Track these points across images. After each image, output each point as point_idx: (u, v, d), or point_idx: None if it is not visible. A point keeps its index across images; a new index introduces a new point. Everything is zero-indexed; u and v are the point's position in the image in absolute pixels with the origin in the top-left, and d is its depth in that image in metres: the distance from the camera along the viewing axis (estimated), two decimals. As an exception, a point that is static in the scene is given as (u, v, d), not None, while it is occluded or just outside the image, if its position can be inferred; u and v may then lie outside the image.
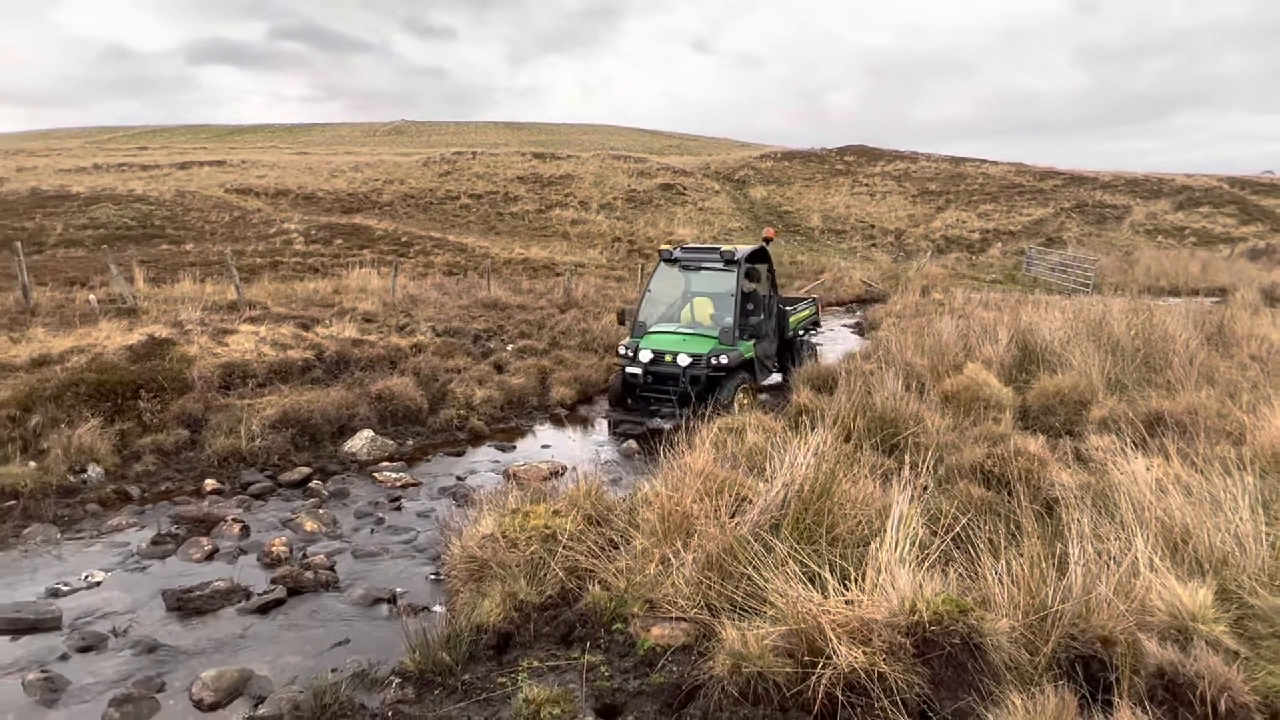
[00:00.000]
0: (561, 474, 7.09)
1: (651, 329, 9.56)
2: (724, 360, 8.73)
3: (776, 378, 11.03)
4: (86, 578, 4.89)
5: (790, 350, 10.87)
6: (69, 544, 5.43)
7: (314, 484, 6.80)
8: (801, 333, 11.50)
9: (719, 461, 5.10)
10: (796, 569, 3.53)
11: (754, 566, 3.70)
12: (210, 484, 6.62)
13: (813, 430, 5.10)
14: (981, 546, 3.57)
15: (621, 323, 11.54)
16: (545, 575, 4.22)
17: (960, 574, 3.53)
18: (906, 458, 4.48)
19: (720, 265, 9.51)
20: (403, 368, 10.03)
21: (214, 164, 46.39)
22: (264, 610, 4.53)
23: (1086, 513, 3.73)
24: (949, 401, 7.97)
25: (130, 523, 5.81)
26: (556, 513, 4.67)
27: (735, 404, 8.59)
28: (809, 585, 3.43)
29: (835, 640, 3.09)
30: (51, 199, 30.91)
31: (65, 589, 4.73)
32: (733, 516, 4.15)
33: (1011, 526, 3.87)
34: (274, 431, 7.62)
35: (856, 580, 3.43)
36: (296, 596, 4.73)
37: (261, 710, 3.48)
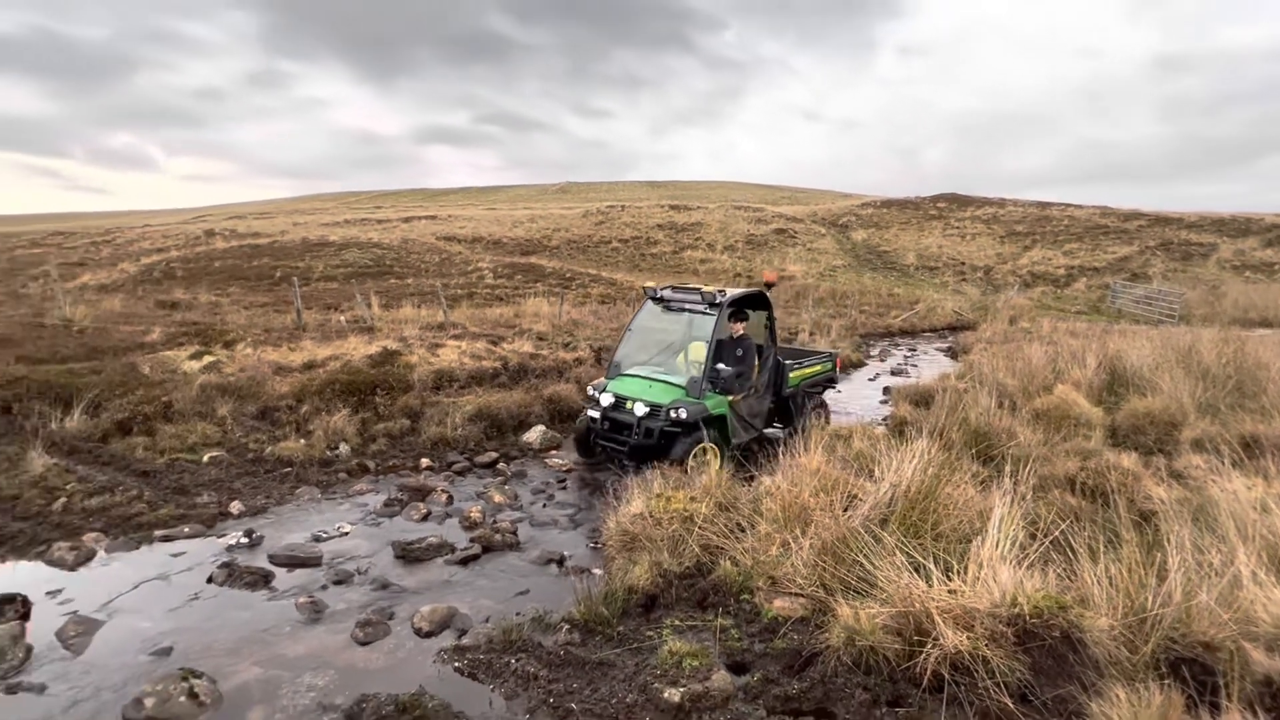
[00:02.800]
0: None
1: (626, 371, 7.22)
2: (681, 414, 6.33)
3: (779, 433, 7.83)
4: (338, 528, 5.29)
5: (791, 409, 7.91)
6: (326, 502, 5.90)
7: (500, 466, 7.08)
8: (817, 390, 8.56)
9: (830, 463, 4.93)
10: (903, 559, 3.34)
11: (864, 555, 3.54)
12: (425, 462, 7.03)
13: (913, 440, 4.83)
14: (1080, 551, 3.24)
15: (599, 361, 9.29)
16: (684, 550, 4.20)
17: (1059, 574, 3.22)
18: (1006, 467, 4.15)
19: (703, 309, 7.04)
20: (567, 376, 10.32)
21: (429, 218, 49.82)
22: (464, 562, 4.75)
23: (1185, 526, 3.31)
24: (1039, 419, 7.32)
25: (368, 489, 6.23)
26: (693, 499, 4.64)
27: (694, 463, 6.29)
28: (914, 574, 3.24)
29: (941, 624, 2.89)
30: (315, 246, 34.18)
31: (324, 536, 5.14)
32: (845, 510, 3.99)
33: (1108, 534, 3.49)
34: (471, 423, 8.03)
35: (958, 573, 3.21)
36: (488, 553, 4.93)
37: (464, 640, 3.64)
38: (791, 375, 7.79)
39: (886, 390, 12.15)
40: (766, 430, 7.77)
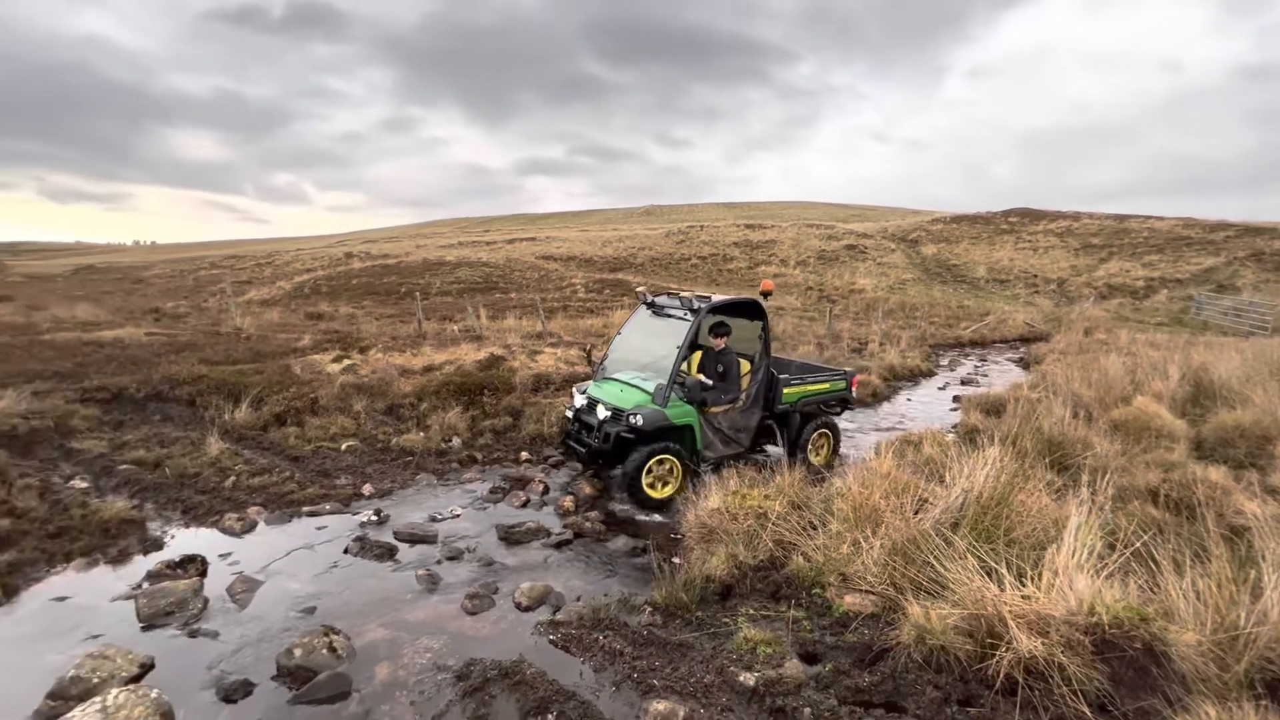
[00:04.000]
0: (764, 468, 6.93)
1: (610, 375, 6.53)
2: (637, 421, 5.59)
3: (778, 451, 6.80)
4: (451, 511, 5.52)
5: (786, 428, 6.74)
6: (441, 488, 6.16)
7: (590, 461, 7.20)
8: (824, 411, 7.21)
9: (901, 468, 4.71)
10: (975, 563, 3.14)
11: (935, 556, 3.35)
12: (524, 455, 7.21)
13: (983, 448, 4.54)
14: (1163, 563, 2.94)
15: (589, 363, 8.50)
16: (758, 544, 4.12)
17: (1140, 586, 2.93)
18: (1083, 477, 3.83)
19: (682, 314, 6.23)
20: (650, 381, 10.38)
21: (529, 240, 51.47)
22: (558, 546, 4.85)
23: (1283, 543, 2.95)
24: (1117, 430, 6.71)
25: (476, 477, 6.45)
26: (767, 497, 4.54)
27: (647, 476, 5.65)
28: (986, 578, 3.03)
29: (1014, 628, 2.69)
30: (433, 265, 35.99)
31: (439, 517, 5.38)
32: (915, 513, 3.79)
33: (1195, 548, 3.15)
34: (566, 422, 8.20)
35: (1032, 579, 2.98)
36: (579, 539, 5.01)
37: (558, 615, 3.71)
38: (788, 391, 6.62)
39: (956, 399, 11.50)
40: (772, 449, 6.82)
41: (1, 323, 14.27)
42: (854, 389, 7.39)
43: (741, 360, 6.65)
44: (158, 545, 4.69)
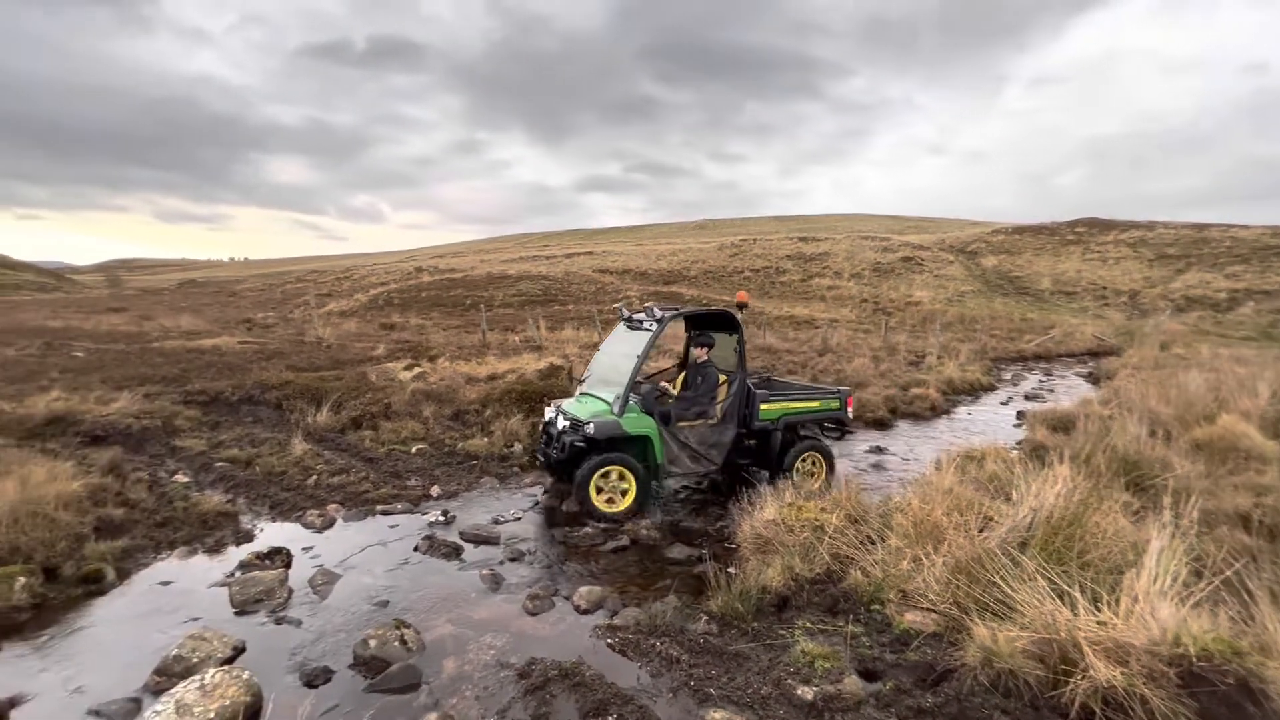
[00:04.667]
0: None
1: (587, 390, 6.29)
2: (590, 430, 5.39)
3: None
4: (513, 514, 5.62)
5: (767, 448, 6.21)
6: (504, 491, 6.29)
7: (645, 469, 7.20)
8: (812, 432, 6.68)
9: (963, 483, 4.51)
10: (1045, 585, 2.97)
11: (1001, 577, 3.18)
12: (582, 462, 7.31)
13: (1052, 466, 4.31)
14: (1258, 594, 2.70)
15: (570, 379, 8.22)
16: (814, 556, 4.01)
17: (1232, 617, 2.70)
18: (1164, 499, 3.56)
19: (649, 325, 5.99)
20: (704, 392, 10.32)
21: (586, 254, 52.26)
22: (616, 552, 4.86)
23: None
24: (1199, 450, 6.23)
25: (537, 482, 6.55)
26: (824, 509, 4.43)
27: (593, 491, 5.42)
28: (1058, 601, 2.86)
29: (1091, 655, 2.53)
30: (496, 279, 37.01)
31: (502, 519, 5.49)
32: (980, 531, 3.62)
33: (1295, 578, 2.88)
34: (621, 430, 8.24)
35: (1109, 604, 2.79)
36: (636, 546, 5.00)
37: (616, 620, 3.71)
38: (766, 408, 6.13)
39: (1020, 414, 10.94)
40: (761, 469, 6.38)
41: (118, 332, 15.53)
42: (849, 409, 6.66)
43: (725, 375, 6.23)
44: (249, 537, 4.97)
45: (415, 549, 4.79)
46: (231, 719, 2.72)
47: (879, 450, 8.55)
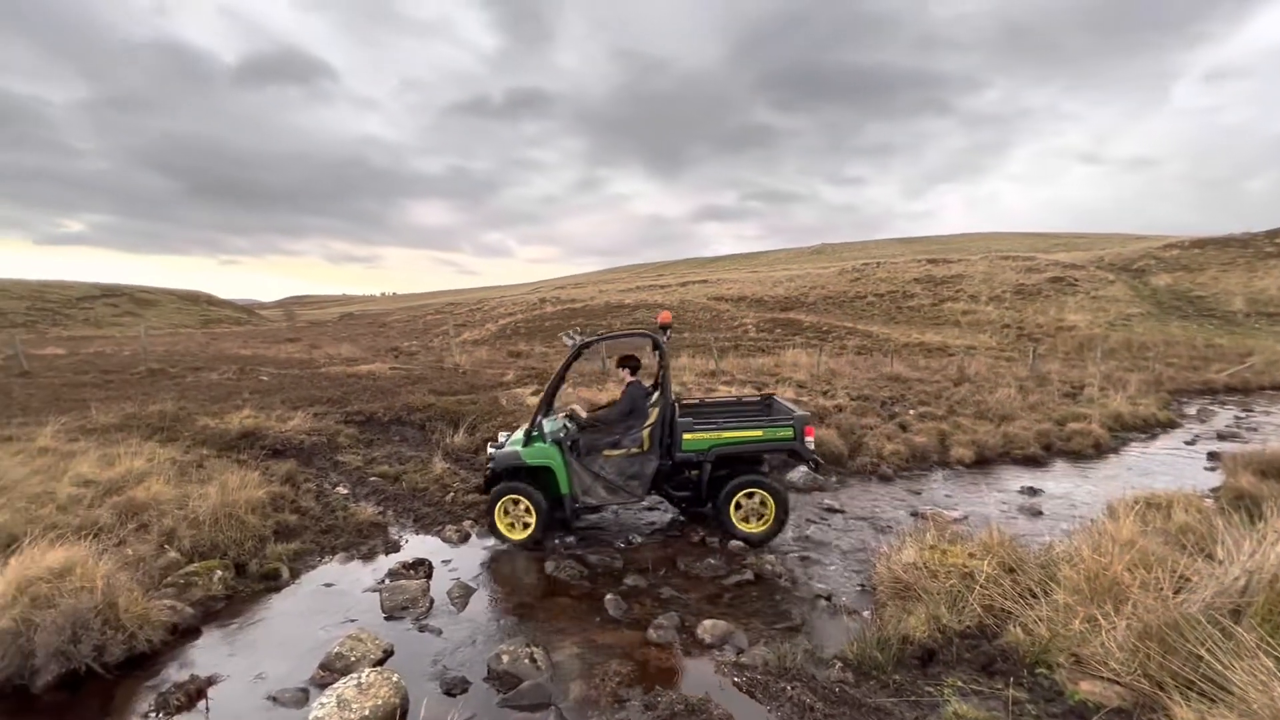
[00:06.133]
0: (964, 521, 6.16)
1: (552, 414, 6.11)
2: (490, 462, 5.49)
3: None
4: (633, 540, 5.61)
5: (698, 482, 5.62)
6: (623, 517, 6.33)
7: (767, 500, 6.96)
8: (758, 466, 5.84)
9: (1146, 535, 3.90)
10: (1271, 665, 2.46)
11: (1208, 649, 2.68)
12: (701, 491, 7.21)
13: (1270, 518, 3.62)
14: None
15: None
16: (964, 607, 3.64)
17: None
18: None
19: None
20: (827, 422, 9.86)
21: (700, 282, 52.58)
22: (739, 586, 4.70)
23: None
24: None
25: (656, 509, 6.49)
26: (972, 555, 4.02)
27: (499, 516, 5.40)
28: (1291, 686, 2.35)
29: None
30: (614, 307, 38.19)
31: (622, 545, 5.51)
32: (1175, 593, 3.09)
33: None
34: (740, 460, 8.06)
35: (1367, 697, 2.25)
36: (759, 581, 4.81)
37: (743, 658, 3.57)
38: (689, 437, 5.51)
39: (1213, 455, 9.38)
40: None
41: (293, 359, 17.79)
42: (807, 439, 5.54)
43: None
44: (395, 547, 5.40)
45: (543, 569, 4.94)
46: (384, 718, 2.92)
47: (1032, 491, 7.67)
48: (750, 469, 5.71)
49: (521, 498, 5.42)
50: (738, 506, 5.53)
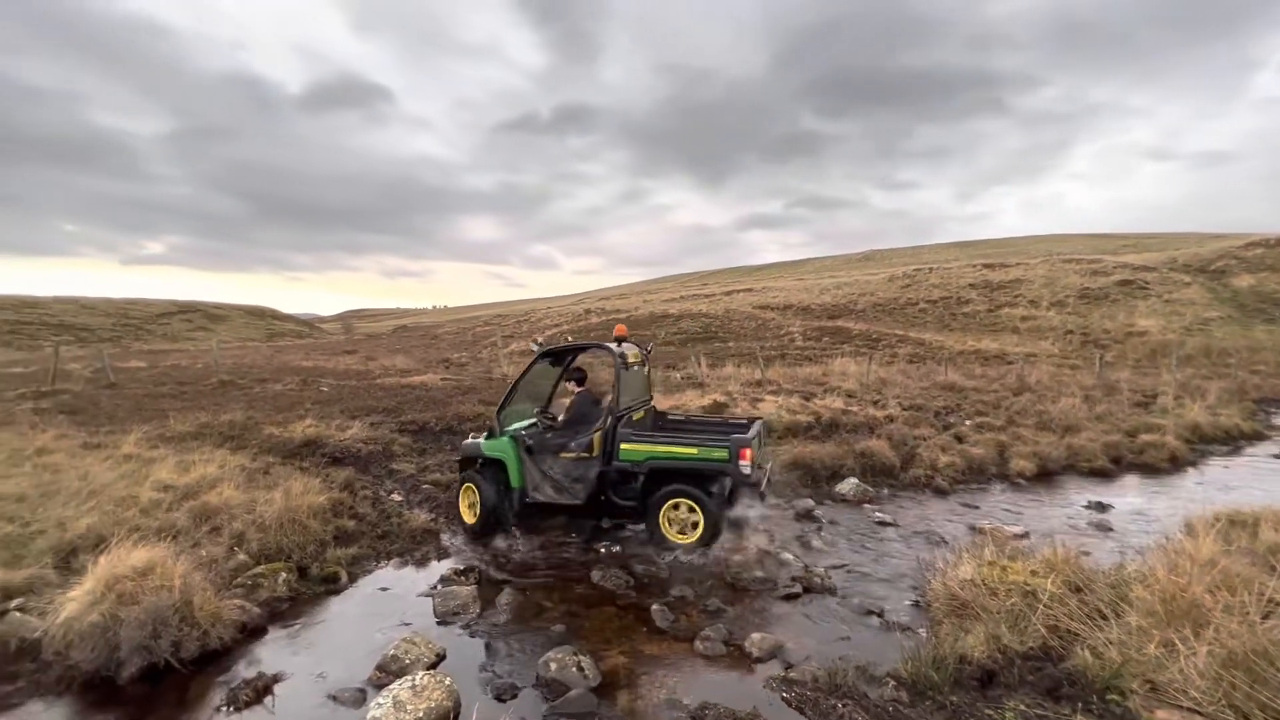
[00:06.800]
0: (1025, 537, 5.89)
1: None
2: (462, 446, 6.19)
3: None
4: (680, 551, 5.62)
5: (633, 493, 5.64)
6: (670, 527, 6.34)
7: (816, 513, 6.82)
8: (691, 484, 5.52)
9: (1230, 556, 3.65)
10: (1377, 699, 2.26)
11: (1303, 680, 2.49)
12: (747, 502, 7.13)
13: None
14: None
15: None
16: (1026, 627, 3.47)
17: None
18: None
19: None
20: (878, 433, 9.62)
21: (745, 291, 52.15)
22: (787, 599, 4.63)
23: None
24: None
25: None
26: (1034, 572, 3.84)
27: (462, 502, 5.99)
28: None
29: None
30: (659, 317, 38.28)
31: (670, 555, 5.51)
32: (1264, 618, 2.88)
33: None
34: (788, 470, 7.95)
35: None
36: (808, 594, 4.73)
37: (791, 673, 3.51)
38: (626, 448, 5.59)
39: (1306, 470, 8.69)
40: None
41: (351, 370, 18.52)
42: (743, 463, 5.35)
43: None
44: (447, 554, 5.54)
45: (589, 577, 4.97)
46: (436, 720, 3.00)
47: (1100, 506, 7.27)
48: (696, 484, 5.52)
49: (471, 486, 5.88)
50: (670, 520, 5.55)
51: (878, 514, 6.79)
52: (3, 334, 39.38)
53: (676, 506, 5.54)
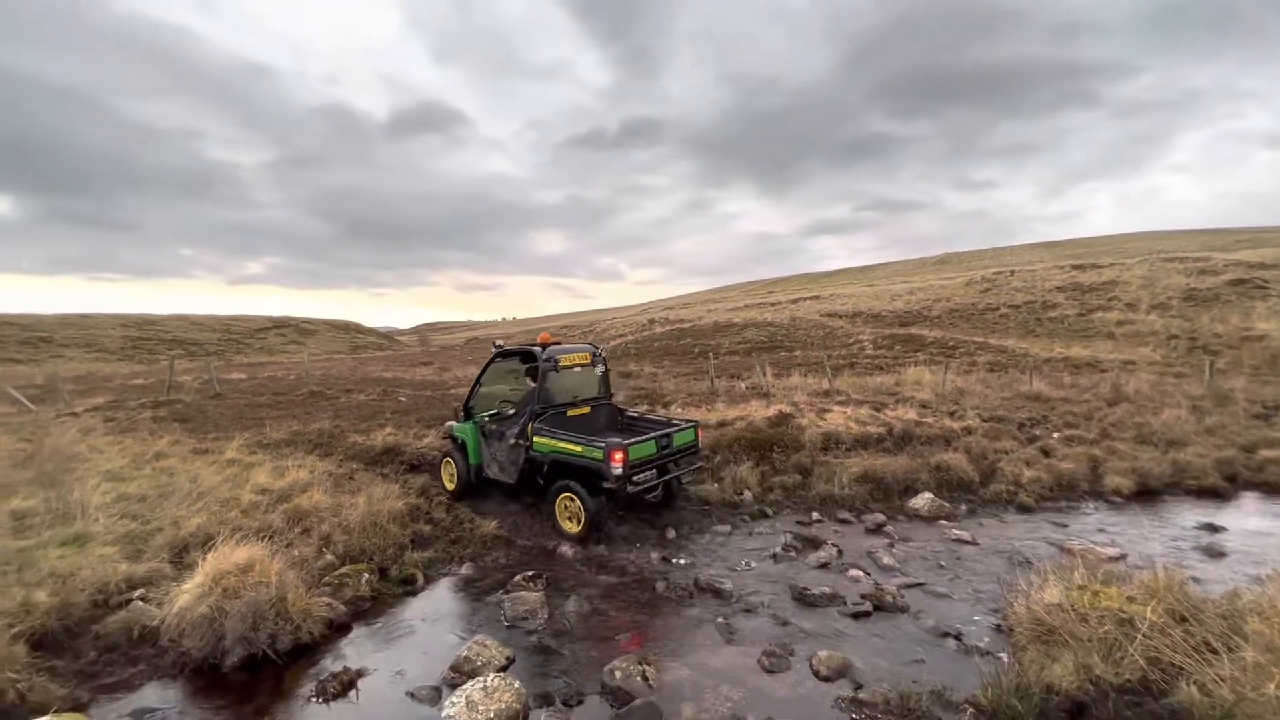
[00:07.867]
0: (1121, 559, 5.46)
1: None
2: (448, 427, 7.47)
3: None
4: (745, 564, 5.55)
5: (544, 478, 6.37)
6: (734, 539, 6.25)
7: (888, 528, 6.56)
8: (576, 479, 6.03)
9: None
10: None
11: None
12: (814, 515, 6.94)
13: None
14: None
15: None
16: (1121, 657, 3.23)
17: None
18: None
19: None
20: (955, 445, 9.15)
21: (812, 298, 50.95)
22: (856, 617, 4.49)
23: None
24: None
25: (766, 532, 6.40)
26: (1131, 598, 3.56)
27: (444, 474, 7.24)
28: None
29: None
30: (723, 327, 37.96)
31: (733, 569, 5.45)
32: None
33: None
34: (857, 484, 7.69)
35: None
36: (879, 613, 4.56)
37: (861, 694, 3.40)
38: (539, 441, 6.30)
39: None
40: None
41: (427, 380, 19.40)
42: (614, 466, 5.63)
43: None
44: (515, 559, 5.70)
45: (654, 589, 4.99)
46: (506, 722, 3.10)
47: (1211, 529, 6.63)
48: (580, 480, 6.00)
49: (450, 460, 7.11)
50: (566, 509, 6.15)
51: (954, 531, 6.46)
52: (127, 349, 43.72)
53: (573, 499, 6.06)
